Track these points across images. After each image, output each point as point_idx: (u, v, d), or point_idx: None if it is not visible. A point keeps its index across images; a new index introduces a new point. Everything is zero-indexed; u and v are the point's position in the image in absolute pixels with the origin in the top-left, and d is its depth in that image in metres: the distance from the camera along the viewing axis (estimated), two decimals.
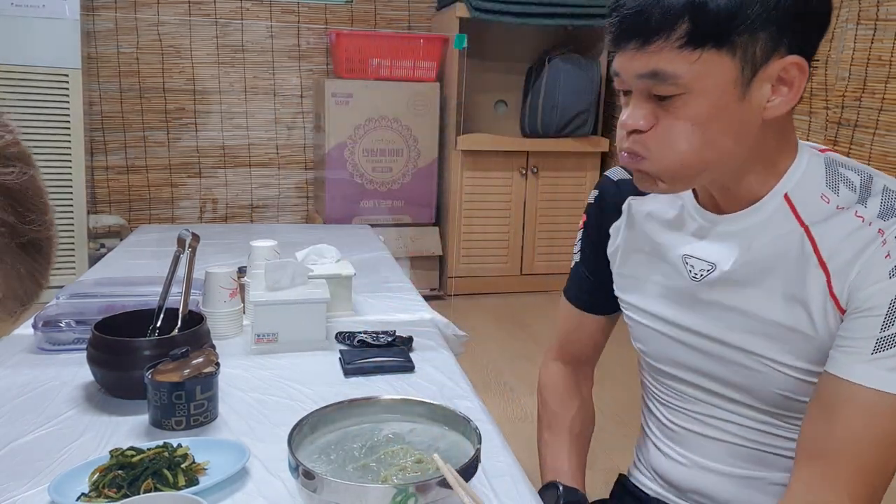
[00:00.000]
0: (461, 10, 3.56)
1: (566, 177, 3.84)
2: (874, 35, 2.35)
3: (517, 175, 3.78)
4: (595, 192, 1.07)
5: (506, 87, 4.02)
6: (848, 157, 2.68)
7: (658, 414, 1.03)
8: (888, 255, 0.75)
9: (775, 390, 0.86)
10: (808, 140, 2.85)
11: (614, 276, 1.04)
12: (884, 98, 2.32)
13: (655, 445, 1.03)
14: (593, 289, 1.09)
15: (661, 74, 0.75)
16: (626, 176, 1.01)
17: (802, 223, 0.81)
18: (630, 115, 0.80)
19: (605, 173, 1.07)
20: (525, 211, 3.83)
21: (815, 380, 0.81)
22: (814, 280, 0.79)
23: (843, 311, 0.78)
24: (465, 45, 3.45)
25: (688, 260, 0.90)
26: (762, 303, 0.84)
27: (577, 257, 1.11)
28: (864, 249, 0.76)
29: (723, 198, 0.87)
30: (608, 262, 1.05)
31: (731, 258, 0.85)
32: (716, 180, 0.85)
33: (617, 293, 1.04)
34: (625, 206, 1.01)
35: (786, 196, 0.83)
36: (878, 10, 2.33)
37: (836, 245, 0.78)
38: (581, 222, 1.10)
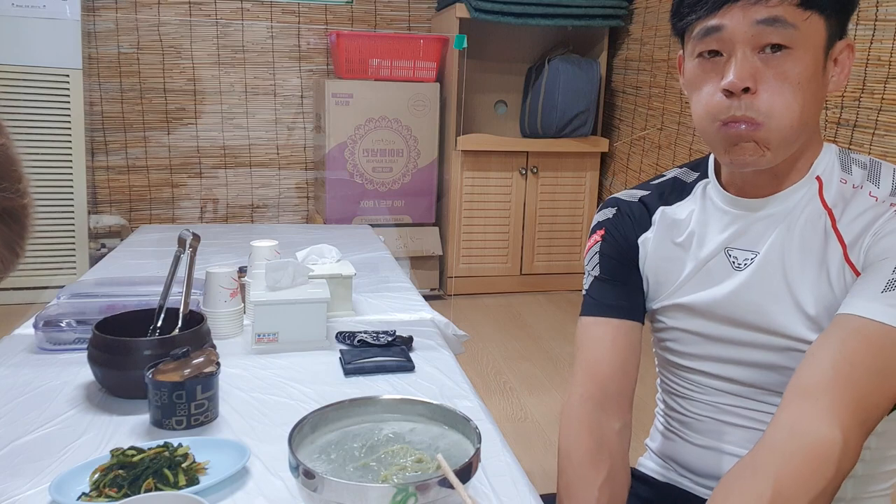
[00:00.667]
0: (461, 11, 3.56)
1: (566, 177, 3.84)
2: (874, 35, 2.35)
3: (517, 175, 3.79)
4: (612, 209, 1.04)
5: (506, 88, 4.02)
6: None
7: (679, 407, 1.02)
8: None
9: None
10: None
11: (649, 286, 1.02)
12: (883, 98, 2.32)
13: (676, 434, 1.03)
14: (623, 296, 1.02)
15: (782, 20, 0.79)
16: (644, 192, 1.03)
17: (826, 205, 0.86)
18: (737, 72, 0.80)
19: (617, 195, 1.06)
20: (525, 211, 3.83)
21: None
22: (832, 252, 0.84)
23: (857, 273, 0.82)
24: (465, 45, 3.45)
25: (731, 252, 0.92)
26: (800, 285, 0.86)
27: (595, 272, 1.03)
28: (876, 220, 0.82)
29: (763, 181, 0.89)
30: (639, 272, 1.02)
31: (773, 243, 0.89)
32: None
33: (651, 303, 1.02)
34: (656, 217, 1.00)
35: (817, 177, 0.88)
36: (877, 10, 2.33)
37: (851, 221, 0.84)
38: (595, 240, 1.04)
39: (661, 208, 1.00)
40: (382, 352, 1.29)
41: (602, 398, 0.96)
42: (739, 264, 0.91)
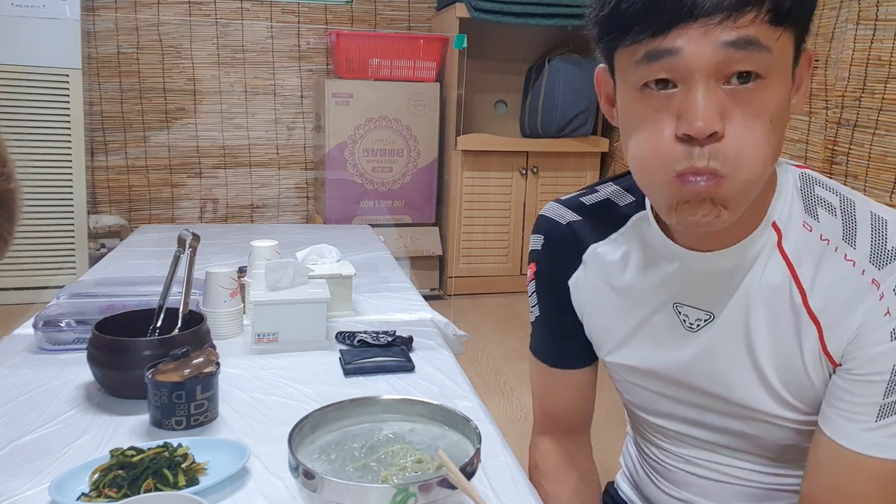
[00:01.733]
0: (461, 11, 3.56)
1: (566, 177, 3.84)
2: (874, 35, 2.35)
3: (517, 175, 3.78)
4: (540, 238, 0.91)
5: (506, 87, 4.02)
6: (847, 157, 2.66)
7: (649, 452, 0.95)
8: (888, 312, 0.68)
9: (778, 441, 0.81)
10: (807, 141, 2.80)
11: (589, 334, 0.91)
12: (883, 98, 2.32)
13: (648, 477, 0.96)
14: (564, 343, 0.93)
15: (756, 43, 0.62)
16: (577, 217, 0.89)
17: (788, 260, 0.73)
18: (704, 113, 0.62)
19: (546, 213, 0.92)
20: (525, 211, 3.83)
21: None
22: (806, 333, 0.73)
23: (836, 365, 0.72)
24: (465, 45, 3.45)
25: (680, 308, 0.80)
26: (767, 362, 0.76)
27: (535, 311, 0.95)
28: (859, 304, 0.69)
29: (712, 234, 0.74)
30: (576, 314, 0.91)
31: (732, 308, 0.76)
32: None
33: (598, 352, 0.92)
34: (586, 256, 0.87)
35: (773, 224, 0.74)
36: (878, 10, 2.33)
37: (825, 295, 0.71)
38: (530, 275, 0.94)
39: (591, 247, 0.86)
40: (382, 352, 1.29)
41: (563, 432, 0.99)
42: (692, 324, 0.79)
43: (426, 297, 1.72)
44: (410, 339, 1.36)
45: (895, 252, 0.69)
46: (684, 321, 0.80)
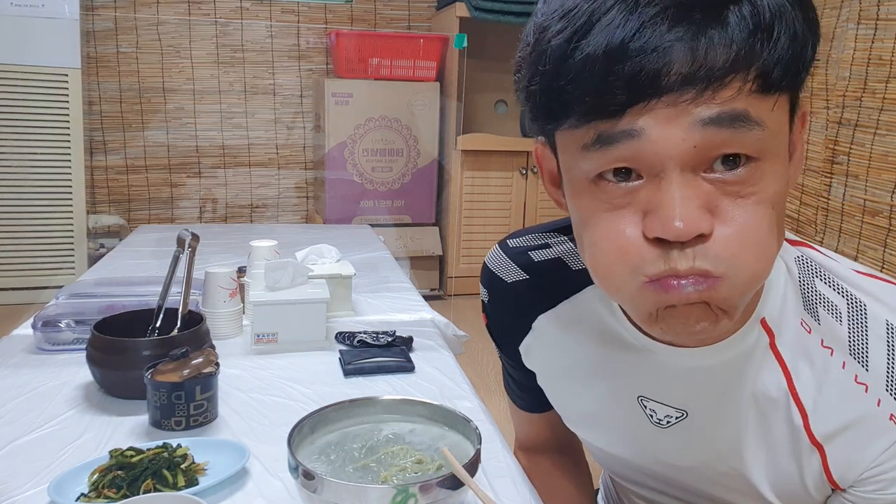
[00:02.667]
0: (461, 10, 3.56)
1: None
2: (874, 35, 2.34)
3: (517, 175, 3.78)
4: (485, 292, 0.80)
5: (506, 88, 4.02)
6: (848, 157, 2.65)
7: (624, 500, 0.88)
8: None
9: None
10: (808, 141, 2.81)
11: (549, 399, 0.80)
12: (884, 98, 2.32)
13: None
14: (528, 392, 0.84)
15: (745, 118, 0.48)
16: (523, 276, 0.75)
17: (784, 366, 0.61)
18: (680, 210, 0.48)
19: (490, 265, 0.79)
20: (525, 211, 3.83)
21: None
22: (807, 458, 0.61)
23: (841, 489, 0.62)
24: (465, 44, 3.45)
25: (646, 403, 0.68)
26: (752, 462, 0.64)
27: (497, 350, 0.85)
28: (875, 440, 0.58)
29: None
30: (534, 375, 0.80)
31: (707, 404, 0.65)
32: None
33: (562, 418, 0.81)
34: (535, 324, 0.75)
35: (763, 322, 0.61)
36: (878, 10, 2.33)
37: (831, 420, 0.59)
38: (484, 322, 0.84)
39: (539, 316, 0.74)
40: (382, 352, 1.29)
41: (547, 452, 0.95)
42: (660, 420, 0.67)
43: (426, 297, 1.72)
44: (410, 339, 1.36)
45: None
46: (651, 416, 0.68)
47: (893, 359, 0.56)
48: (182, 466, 0.87)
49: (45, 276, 3.40)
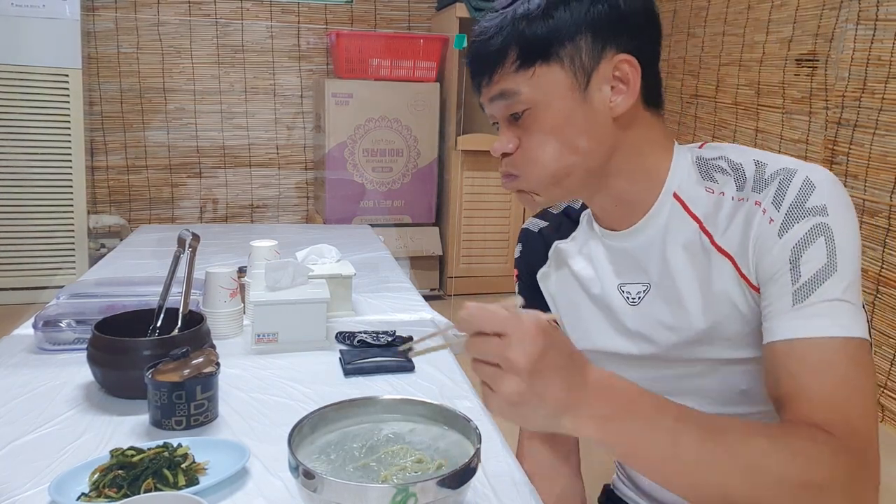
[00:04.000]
0: (461, 10, 3.56)
1: None
2: (874, 35, 2.35)
3: None
4: (519, 246, 1.07)
5: None
6: (847, 157, 2.66)
7: None
8: (771, 220, 0.77)
9: (735, 388, 0.85)
10: (807, 141, 2.82)
11: (563, 327, 0.99)
12: (884, 98, 2.32)
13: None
14: None
15: (506, 93, 0.83)
16: (544, 223, 1.04)
17: (696, 218, 0.83)
18: (498, 141, 0.87)
19: (524, 226, 1.07)
20: (525, 211, 3.83)
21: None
22: (720, 267, 0.81)
23: (757, 289, 0.79)
24: (465, 44, 3.45)
25: (623, 288, 0.90)
26: (696, 309, 0.83)
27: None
28: (750, 223, 0.79)
29: (619, 212, 0.88)
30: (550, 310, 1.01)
31: (658, 271, 0.86)
32: (605, 196, 0.87)
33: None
34: (551, 252, 1.00)
35: (675, 195, 0.85)
36: (878, 10, 2.33)
37: (728, 232, 0.81)
38: (514, 277, 1.07)
39: (555, 243, 0.99)
40: (382, 352, 1.29)
41: (550, 438, 1.04)
42: (634, 300, 0.89)
43: (426, 297, 1.72)
44: (410, 339, 1.36)
45: (771, 178, 0.79)
46: (628, 298, 0.90)
47: (757, 174, 0.80)
48: (182, 466, 0.87)
49: (46, 275, 3.40)
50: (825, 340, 0.72)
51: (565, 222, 1.01)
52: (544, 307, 1.01)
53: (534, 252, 1.03)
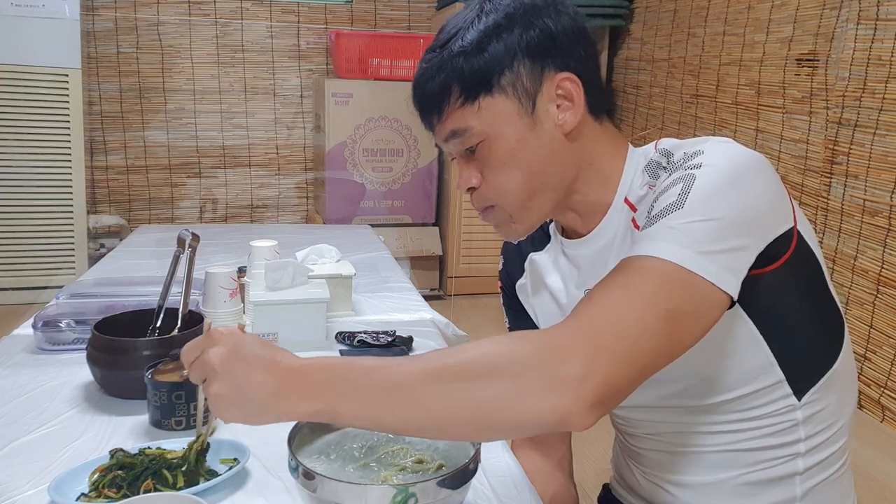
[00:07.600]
0: None
1: None
2: (874, 35, 2.34)
3: None
4: (501, 259, 1.09)
5: None
6: (848, 157, 2.65)
7: (626, 443, 1.01)
8: (651, 187, 0.82)
9: (700, 375, 0.83)
10: (807, 141, 2.81)
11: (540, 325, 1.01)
12: (884, 98, 2.32)
13: (629, 466, 1.01)
14: None
15: (457, 131, 0.84)
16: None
17: (638, 227, 0.83)
18: (461, 178, 0.88)
19: (505, 238, 1.06)
20: None
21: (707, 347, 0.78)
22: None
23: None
24: None
25: (588, 292, 0.89)
26: None
27: (507, 324, 1.10)
28: (655, 190, 0.80)
29: (584, 223, 0.90)
30: (532, 320, 1.03)
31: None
32: (567, 209, 0.89)
33: None
34: (526, 264, 1.02)
35: (626, 200, 0.86)
36: (878, 10, 2.33)
37: (640, 205, 0.84)
38: (499, 288, 1.10)
39: (530, 255, 1.01)
40: (382, 352, 1.29)
41: (541, 444, 1.06)
42: None
43: (426, 297, 1.72)
44: (410, 339, 1.36)
45: (683, 158, 0.79)
46: None
47: (678, 158, 0.80)
48: (182, 467, 0.87)
49: (46, 275, 3.40)
50: (634, 259, 0.73)
51: (539, 234, 1.02)
52: (528, 320, 1.03)
53: (513, 265, 1.05)
